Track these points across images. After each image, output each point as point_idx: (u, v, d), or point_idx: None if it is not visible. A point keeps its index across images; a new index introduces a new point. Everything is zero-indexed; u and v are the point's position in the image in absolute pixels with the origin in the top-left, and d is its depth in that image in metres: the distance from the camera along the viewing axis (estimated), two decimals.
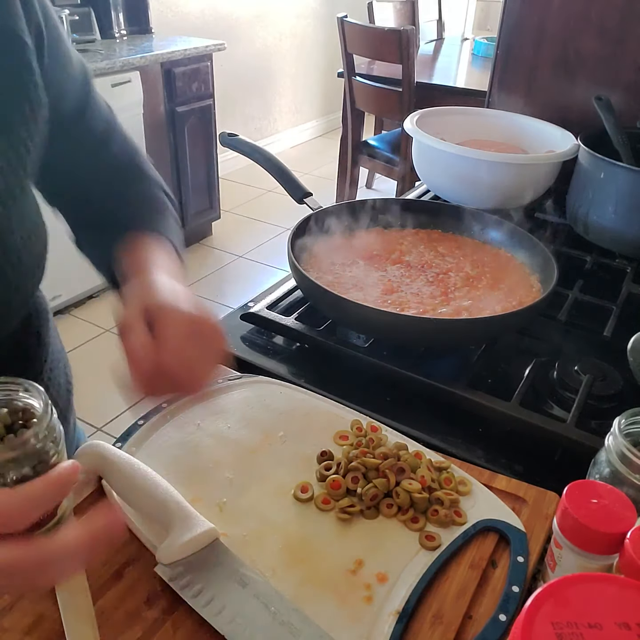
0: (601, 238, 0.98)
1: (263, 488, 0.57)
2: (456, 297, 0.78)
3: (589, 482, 0.45)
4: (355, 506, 0.55)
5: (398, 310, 0.74)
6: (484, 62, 3.03)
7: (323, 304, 0.75)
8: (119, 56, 2.44)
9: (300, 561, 0.51)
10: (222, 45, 2.84)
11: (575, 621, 0.30)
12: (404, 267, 0.84)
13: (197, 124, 2.87)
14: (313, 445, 0.61)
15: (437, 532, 0.53)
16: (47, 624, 0.46)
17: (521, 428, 0.64)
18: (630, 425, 0.49)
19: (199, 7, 3.47)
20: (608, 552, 0.42)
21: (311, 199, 0.88)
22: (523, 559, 0.51)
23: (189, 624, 0.46)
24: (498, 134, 1.17)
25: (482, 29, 4.63)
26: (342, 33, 2.67)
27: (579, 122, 1.09)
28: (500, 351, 0.77)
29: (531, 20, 1.18)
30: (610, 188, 0.94)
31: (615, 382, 0.70)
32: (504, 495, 0.57)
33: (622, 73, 1.12)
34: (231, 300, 2.68)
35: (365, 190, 3.81)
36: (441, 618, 0.47)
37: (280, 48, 4.18)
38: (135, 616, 0.47)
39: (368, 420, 0.65)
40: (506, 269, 0.84)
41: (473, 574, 0.51)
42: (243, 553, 0.51)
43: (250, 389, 0.69)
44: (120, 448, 0.59)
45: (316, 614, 0.46)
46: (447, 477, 0.58)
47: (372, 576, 0.50)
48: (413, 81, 2.52)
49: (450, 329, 0.69)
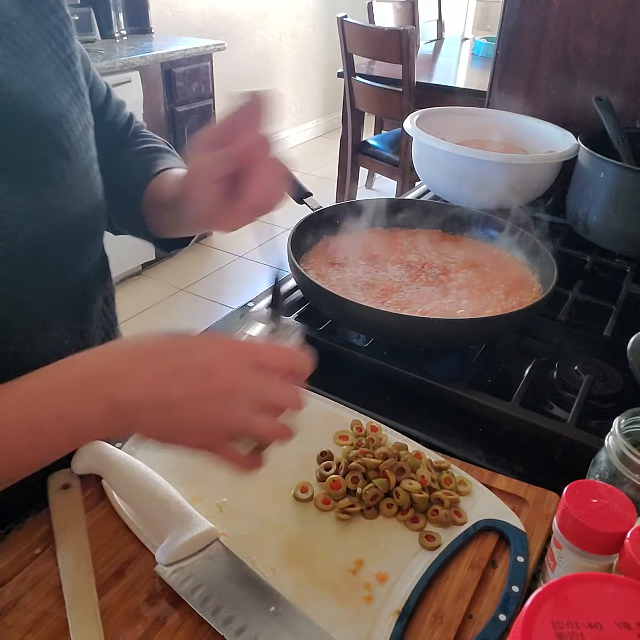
0: (601, 238, 0.98)
1: (263, 488, 0.57)
2: (456, 297, 0.77)
3: (589, 482, 0.45)
4: (355, 506, 0.55)
5: (398, 310, 0.74)
6: (484, 62, 3.03)
7: (323, 304, 0.75)
8: (118, 56, 2.44)
9: (300, 561, 0.51)
10: (222, 45, 2.84)
11: (576, 621, 0.30)
12: (404, 267, 0.84)
13: (197, 124, 2.87)
14: (313, 445, 0.61)
15: (437, 532, 0.53)
16: (50, 621, 0.46)
17: (521, 428, 0.64)
18: (630, 425, 0.49)
19: (199, 7, 3.47)
20: (608, 552, 0.42)
21: (311, 199, 0.88)
22: (523, 559, 0.51)
23: (189, 624, 0.46)
24: (498, 134, 1.17)
25: (482, 29, 4.63)
26: (342, 33, 2.66)
27: (579, 122, 1.09)
28: (501, 351, 0.77)
29: (531, 20, 1.18)
30: (610, 188, 0.94)
31: (615, 382, 0.70)
32: (504, 495, 0.57)
33: (622, 73, 1.12)
34: (231, 300, 2.68)
35: (365, 190, 3.81)
36: (441, 618, 0.47)
37: (281, 48, 4.18)
38: (136, 616, 0.47)
39: (368, 420, 0.65)
40: (506, 269, 0.84)
41: (473, 573, 0.51)
42: (243, 553, 0.51)
43: None
44: (120, 448, 0.59)
45: (316, 613, 0.46)
46: (447, 477, 0.58)
47: (372, 576, 0.50)
48: (413, 81, 2.51)
49: (450, 329, 0.69)
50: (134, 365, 0.43)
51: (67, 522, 0.52)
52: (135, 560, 0.51)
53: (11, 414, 0.41)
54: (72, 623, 0.45)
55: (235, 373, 0.43)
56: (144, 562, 0.50)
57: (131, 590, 0.48)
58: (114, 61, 2.36)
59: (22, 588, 0.48)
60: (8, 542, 0.52)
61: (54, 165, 0.54)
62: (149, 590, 0.48)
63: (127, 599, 0.48)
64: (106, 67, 2.33)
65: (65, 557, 0.50)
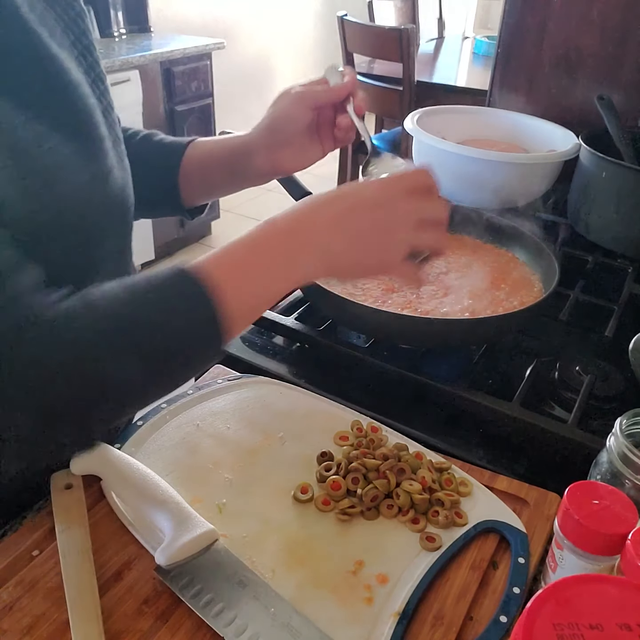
0: (602, 238, 0.98)
1: (263, 489, 0.57)
2: (457, 297, 0.77)
3: (590, 483, 0.45)
4: (355, 507, 0.55)
5: (398, 310, 0.73)
6: (484, 60, 3.02)
7: (323, 303, 0.75)
8: (118, 55, 2.44)
9: (300, 562, 0.50)
10: (221, 44, 2.84)
11: (577, 622, 0.30)
12: None
13: (196, 123, 2.87)
14: (313, 445, 0.61)
15: (438, 533, 0.53)
16: (47, 624, 0.46)
17: (522, 429, 0.63)
18: (631, 425, 0.49)
19: (198, 5, 3.47)
20: (609, 553, 0.42)
21: None
22: (524, 560, 0.51)
23: (188, 625, 0.46)
24: (499, 133, 1.17)
25: (483, 28, 4.62)
26: (342, 32, 2.66)
27: (580, 122, 1.09)
28: (501, 351, 0.77)
29: (532, 19, 1.17)
30: (612, 187, 0.94)
31: (617, 382, 0.69)
32: (505, 496, 0.57)
33: (623, 72, 1.12)
34: None
35: None
36: (442, 619, 0.47)
37: (280, 47, 4.17)
38: (135, 617, 0.46)
39: (368, 420, 0.64)
40: (507, 269, 0.84)
41: (474, 575, 0.50)
42: (243, 554, 0.50)
43: (250, 389, 0.68)
44: (119, 449, 0.59)
45: (316, 615, 0.46)
46: (448, 478, 0.58)
47: (373, 577, 0.50)
48: (413, 80, 2.51)
49: (450, 329, 0.69)
50: (320, 212, 0.53)
51: (70, 522, 0.52)
52: (134, 562, 0.50)
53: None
54: (73, 623, 0.45)
55: (397, 200, 0.53)
56: (143, 564, 0.50)
57: (130, 591, 0.48)
58: (113, 60, 2.36)
59: (19, 591, 0.48)
60: (5, 543, 0.51)
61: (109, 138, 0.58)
62: (148, 592, 0.48)
63: (126, 600, 0.48)
64: (105, 66, 2.30)
65: (67, 557, 0.49)
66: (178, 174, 0.73)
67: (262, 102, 4.58)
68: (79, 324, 0.43)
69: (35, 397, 0.42)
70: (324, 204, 0.53)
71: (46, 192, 0.49)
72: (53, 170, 0.49)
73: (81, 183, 0.52)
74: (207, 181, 0.74)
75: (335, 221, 0.52)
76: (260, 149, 0.69)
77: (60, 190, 0.50)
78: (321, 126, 0.69)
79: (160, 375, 0.47)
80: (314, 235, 0.52)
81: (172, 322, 0.45)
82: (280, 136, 0.67)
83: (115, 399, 0.45)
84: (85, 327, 0.43)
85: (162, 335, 0.45)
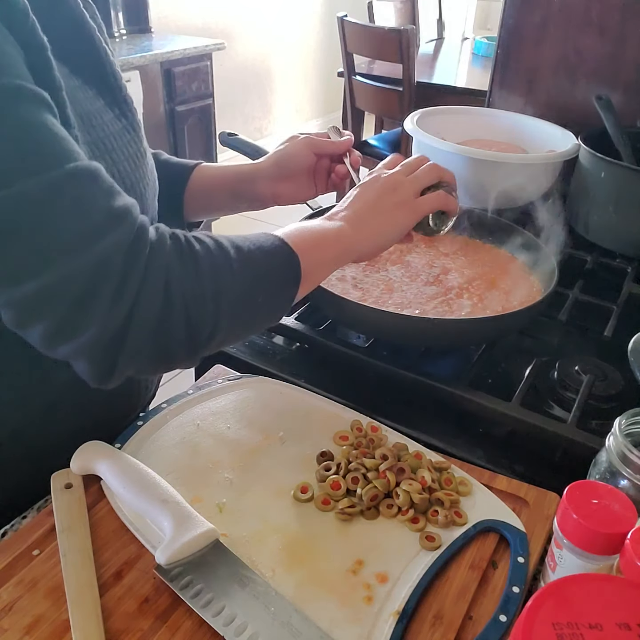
0: (602, 238, 0.98)
1: (263, 488, 0.57)
2: (457, 297, 0.77)
3: (589, 483, 0.45)
4: (355, 507, 0.55)
5: (398, 310, 0.73)
6: (484, 61, 3.02)
7: (323, 303, 0.75)
8: (118, 55, 2.44)
9: (300, 561, 0.51)
10: (221, 44, 2.84)
11: (576, 622, 0.30)
12: (404, 267, 0.84)
13: (196, 123, 2.87)
14: (313, 445, 0.61)
15: (438, 533, 0.53)
16: (47, 624, 0.46)
17: (522, 428, 0.64)
18: (630, 425, 0.49)
19: (198, 6, 3.47)
20: (608, 552, 0.42)
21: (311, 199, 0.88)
22: (523, 560, 0.51)
23: (189, 625, 0.46)
24: (498, 134, 1.17)
25: (483, 29, 4.62)
26: (342, 32, 2.66)
27: (579, 122, 1.09)
28: (501, 351, 0.77)
29: (531, 20, 1.17)
30: (611, 187, 0.94)
31: (616, 382, 0.70)
32: (505, 495, 0.57)
33: (622, 72, 1.12)
34: None
35: None
36: (441, 618, 0.47)
37: (280, 47, 4.17)
38: (135, 616, 0.46)
39: (368, 420, 0.65)
40: (507, 269, 0.84)
41: (473, 574, 0.51)
42: (243, 553, 0.50)
43: (250, 389, 0.68)
44: (120, 448, 0.59)
45: (316, 614, 0.46)
46: (448, 478, 0.58)
47: (373, 576, 0.50)
48: (413, 81, 2.51)
49: (450, 329, 0.69)
50: (353, 203, 0.64)
51: (70, 521, 0.52)
52: (134, 561, 0.50)
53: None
54: (73, 622, 0.45)
55: (402, 179, 0.65)
56: (144, 563, 0.50)
57: (130, 591, 0.48)
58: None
59: (19, 590, 0.48)
60: (5, 543, 0.51)
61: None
62: (148, 591, 0.48)
63: (126, 600, 0.48)
64: None
65: (68, 556, 0.49)
66: (183, 196, 0.78)
67: (262, 102, 4.59)
68: (219, 261, 0.51)
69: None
70: (356, 199, 0.65)
71: (107, 158, 0.54)
72: (112, 139, 0.56)
73: (131, 154, 0.58)
74: (210, 202, 0.81)
75: (365, 205, 0.64)
76: (265, 178, 0.76)
77: (115, 157, 0.56)
78: (317, 171, 0.78)
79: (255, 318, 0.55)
80: (357, 243, 0.62)
81: (273, 274, 0.54)
82: (285, 171, 0.76)
83: (230, 328, 0.52)
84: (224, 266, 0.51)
85: (268, 282, 0.54)
